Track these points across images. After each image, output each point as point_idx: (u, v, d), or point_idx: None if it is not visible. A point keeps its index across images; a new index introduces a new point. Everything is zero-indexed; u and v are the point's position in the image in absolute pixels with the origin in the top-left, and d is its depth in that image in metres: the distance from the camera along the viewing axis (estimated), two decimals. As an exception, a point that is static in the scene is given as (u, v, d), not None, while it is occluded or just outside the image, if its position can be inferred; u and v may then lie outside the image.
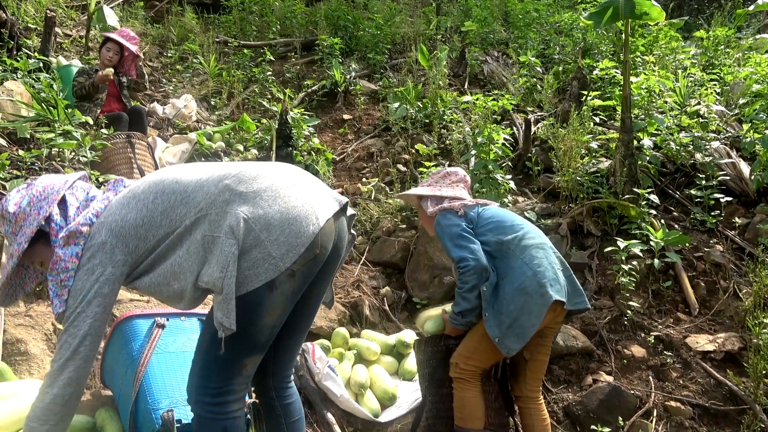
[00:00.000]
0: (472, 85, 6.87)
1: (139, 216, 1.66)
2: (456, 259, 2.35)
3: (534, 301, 2.28)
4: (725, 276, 3.76)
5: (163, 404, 2.09)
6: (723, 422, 3.01)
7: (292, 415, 1.97)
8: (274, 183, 1.67)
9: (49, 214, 1.66)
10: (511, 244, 2.41)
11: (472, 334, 2.44)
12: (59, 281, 1.62)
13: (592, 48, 6.86)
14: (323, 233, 1.66)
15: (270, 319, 1.65)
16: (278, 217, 1.60)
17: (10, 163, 3.41)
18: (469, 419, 2.37)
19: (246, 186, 1.64)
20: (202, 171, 1.74)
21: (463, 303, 2.34)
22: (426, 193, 2.67)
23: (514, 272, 2.34)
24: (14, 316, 2.68)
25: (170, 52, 7.14)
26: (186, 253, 1.64)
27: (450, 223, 2.48)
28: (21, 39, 5.14)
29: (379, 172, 5.24)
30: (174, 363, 2.29)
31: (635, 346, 3.40)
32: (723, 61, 6.40)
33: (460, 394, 2.40)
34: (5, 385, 2.18)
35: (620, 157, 4.25)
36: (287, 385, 1.98)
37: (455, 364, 2.42)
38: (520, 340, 2.27)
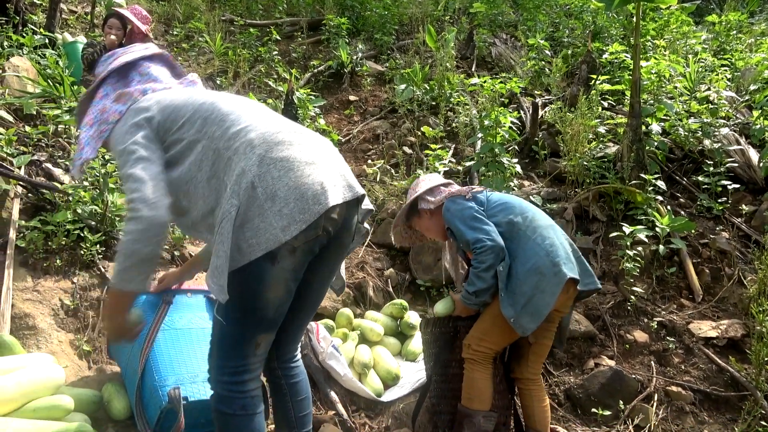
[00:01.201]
0: (480, 67, 6.81)
1: (186, 105, 1.78)
2: (472, 241, 2.34)
3: (548, 280, 2.28)
4: (730, 263, 3.75)
5: (170, 381, 2.11)
6: (724, 408, 3.03)
7: (299, 394, 2.00)
8: (293, 155, 1.66)
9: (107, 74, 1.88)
10: (522, 225, 2.41)
11: (485, 316, 2.44)
12: (98, 132, 1.79)
13: (602, 31, 6.78)
14: (328, 216, 1.66)
15: (274, 294, 1.67)
16: (285, 190, 1.60)
17: (17, 139, 3.42)
18: (476, 400, 2.38)
19: (266, 150, 1.64)
20: (248, 111, 1.78)
21: (479, 282, 2.33)
22: (416, 194, 2.64)
23: (526, 252, 2.34)
24: (22, 291, 2.70)
25: (176, 31, 7.09)
26: (198, 170, 1.70)
27: (461, 206, 2.47)
28: (26, 14, 5.12)
29: (384, 154, 5.22)
30: (180, 340, 2.31)
31: (638, 331, 3.41)
32: (735, 46, 6.32)
33: (470, 375, 2.41)
34: (13, 359, 2.21)
35: (628, 143, 4.22)
36: (293, 365, 2.01)
37: (468, 345, 2.43)
38: (535, 320, 2.27)
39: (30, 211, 3.08)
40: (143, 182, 1.63)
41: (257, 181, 1.59)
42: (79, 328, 2.72)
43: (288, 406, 1.96)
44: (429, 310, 2.84)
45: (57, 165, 3.49)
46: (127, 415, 2.29)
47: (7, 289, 2.61)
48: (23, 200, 3.10)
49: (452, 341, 2.56)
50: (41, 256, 2.88)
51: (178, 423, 1.96)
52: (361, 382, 2.94)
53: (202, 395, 2.11)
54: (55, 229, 2.93)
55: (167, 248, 3.31)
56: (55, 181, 3.32)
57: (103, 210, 3.11)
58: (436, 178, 2.72)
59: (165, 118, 1.76)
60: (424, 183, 2.68)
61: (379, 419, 2.86)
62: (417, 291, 3.87)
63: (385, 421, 2.83)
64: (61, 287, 2.81)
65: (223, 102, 1.78)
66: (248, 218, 1.59)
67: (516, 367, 2.55)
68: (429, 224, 2.68)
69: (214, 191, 1.67)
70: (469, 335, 2.45)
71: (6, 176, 3.03)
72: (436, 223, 2.64)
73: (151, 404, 2.12)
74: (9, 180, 3.04)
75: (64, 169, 3.47)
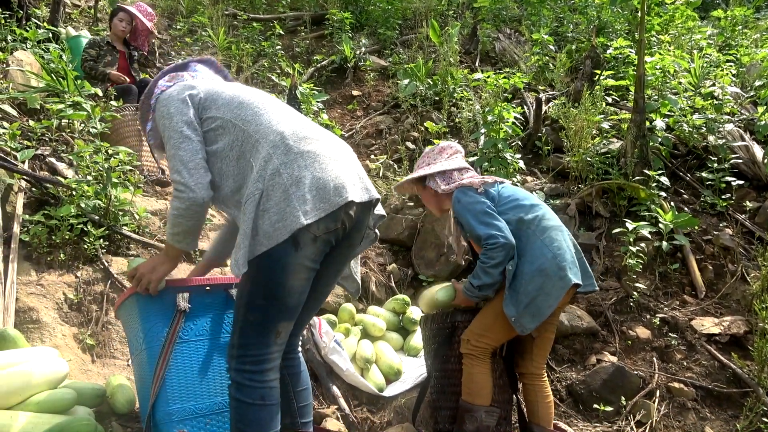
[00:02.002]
0: (484, 62, 6.78)
1: (228, 90, 1.92)
2: (484, 237, 2.32)
3: (553, 283, 2.29)
4: (733, 260, 3.74)
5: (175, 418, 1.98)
6: (725, 404, 3.03)
7: (300, 385, 2.05)
8: (318, 149, 1.76)
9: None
10: (531, 224, 2.39)
11: (487, 312, 2.45)
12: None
13: (607, 26, 6.74)
14: (346, 211, 1.72)
15: (296, 281, 1.72)
16: (309, 178, 1.69)
17: (21, 134, 3.43)
18: (477, 395, 2.39)
19: (294, 141, 1.75)
20: (279, 108, 1.92)
21: (485, 277, 2.33)
22: (428, 171, 2.59)
23: (533, 252, 2.34)
24: (26, 285, 2.71)
25: (179, 25, 7.09)
26: (230, 149, 1.82)
27: (472, 200, 2.44)
28: (30, 8, 5.12)
29: (387, 149, 5.21)
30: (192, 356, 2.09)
31: (640, 328, 3.41)
32: (740, 41, 6.28)
33: (469, 370, 2.42)
34: (17, 353, 2.22)
35: (632, 138, 4.20)
36: (293, 356, 2.04)
37: (467, 340, 2.43)
38: (535, 320, 2.29)
39: (34, 206, 3.09)
40: (185, 164, 1.78)
41: (283, 168, 1.69)
42: (83, 322, 2.73)
43: (290, 396, 1.99)
44: (423, 292, 2.81)
45: (60, 159, 3.49)
46: (131, 408, 2.30)
47: (11, 283, 2.62)
48: (27, 194, 3.11)
49: (450, 337, 2.57)
50: (45, 251, 2.89)
51: None
52: (363, 377, 2.95)
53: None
54: (58, 224, 2.94)
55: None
56: (58, 175, 3.33)
57: (107, 205, 3.12)
58: (452, 162, 2.63)
59: (207, 96, 1.90)
60: (439, 164, 2.61)
61: (381, 414, 2.87)
62: (419, 286, 3.88)
63: (386, 416, 2.84)
64: (64, 281, 2.82)
65: (260, 96, 1.94)
66: (274, 202, 1.66)
67: (520, 362, 2.56)
68: (431, 200, 2.67)
69: (242, 171, 1.79)
70: (468, 330, 2.46)
71: (10, 170, 3.04)
72: (438, 201, 2.64)
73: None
74: (13, 174, 3.05)
75: (67, 164, 3.48)
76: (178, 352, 2.05)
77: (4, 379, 2.01)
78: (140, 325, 2.07)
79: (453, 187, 2.53)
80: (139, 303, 2.06)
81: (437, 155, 2.66)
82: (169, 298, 2.06)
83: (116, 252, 3.12)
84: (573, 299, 2.54)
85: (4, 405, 2.00)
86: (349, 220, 1.76)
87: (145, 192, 3.82)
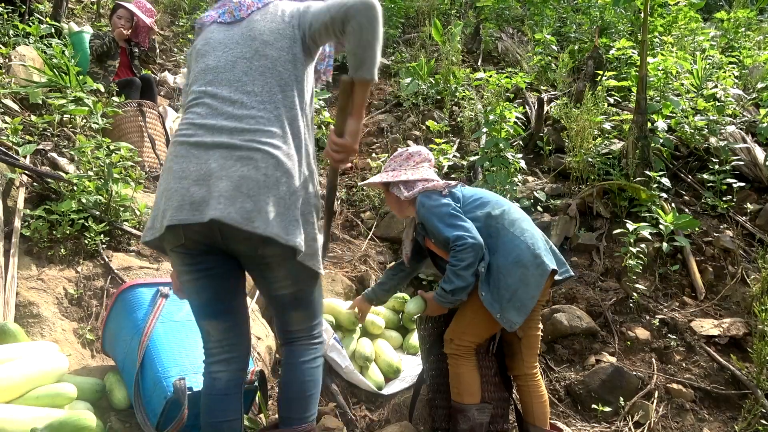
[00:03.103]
0: (486, 62, 6.78)
1: None
2: (452, 239, 2.29)
3: (531, 272, 2.29)
4: (734, 261, 3.74)
5: (173, 372, 2.12)
6: (724, 406, 3.03)
7: (283, 392, 1.94)
8: (170, 166, 1.75)
9: None
10: (500, 218, 2.38)
11: (464, 310, 2.44)
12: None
13: (610, 27, 6.73)
14: (186, 231, 1.70)
15: (185, 285, 1.84)
16: (156, 198, 1.79)
17: (23, 128, 3.43)
18: (466, 394, 2.39)
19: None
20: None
21: (457, 281, 2.28)
22: (391, 179, 2.55)
23: (506, 246, 2.33)
24: (27, 280, 2.72)
25: (182, 21, 7.08)
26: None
27: (437, 203, 2.40)
28: (33, 4, 5.12)
29: (389, 147, 5.21)
30: (179, 332, 2.31)
31: (639, 329, 3.41)
32: (743, 43, 6.28)
33: (455, 370, 2.42)
34: (17, 347, 2.22)
35: (633, 139, 4.20)
36: (286, 361, 1.96)
37: (450, 340, 2.43)
38: (521, 313, 2.27)
39: (35, 200, 3.10)
40: None
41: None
42: (83, 317, 2.74)
43: (280, 385, 1.95)
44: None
45: (62, 154, 3.50)
46: (129, 404, 2.31)
47: (11, 278, 2.63)
48: (28, 189, 3.11)
49: (441, 336, 2.57)
50: (46, 245, 2.89)
51: (182, 413, 1.97)
52: (362, 375, 2.95)
53: None
54: (59, 219, 2.94)
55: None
56: (60, 170, 3.33)
57: (108, 200, 3.13)
58: (417, 171, 2.58)
59: None
60: (403, 173, 2.56)
61: (379, 412, 2.87)
62: (419, 285, 3.88)
63: (385, 414, 2.84)
64: (65, 276, 2.82)
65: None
66: None
67: (512, 365, 2.55)
68: (394, 205, 2.63)
69: None
70: (449, 330, 2.45)
71: (11, 165, 3.04)
72: (400, 206, 2.60)
73: (154, 395, 2.12)
74: (14, 169, 3.06)
75: (68, 159, 3.49)
76: (162, 330, 2.27)
77: (4, 373, 2.01)
78: (128, 319, 2.32)
79: (415, 193, 2.49)
80: (125, 302, 2.36)
81: (404, 161, 2.61)
82: (153, 290, 2.39)
83: (117, 247, 3.12)
84: (553, 289, 2.53)
85: (3, 399, 2.00)
86: (199, 236, 1.70)
87: (146, 188, 3.82)
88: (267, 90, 1.71)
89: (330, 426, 2.59)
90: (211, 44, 1.81)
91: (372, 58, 1.65)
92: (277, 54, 1.75)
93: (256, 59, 1.74)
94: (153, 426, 2.05)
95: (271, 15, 1.81)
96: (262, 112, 1.69)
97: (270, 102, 1.71)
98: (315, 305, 1.94)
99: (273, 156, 1.66)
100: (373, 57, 1.66)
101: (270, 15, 1.81)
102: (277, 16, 1.81)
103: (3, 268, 2.64)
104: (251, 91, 1.71)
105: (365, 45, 1.63)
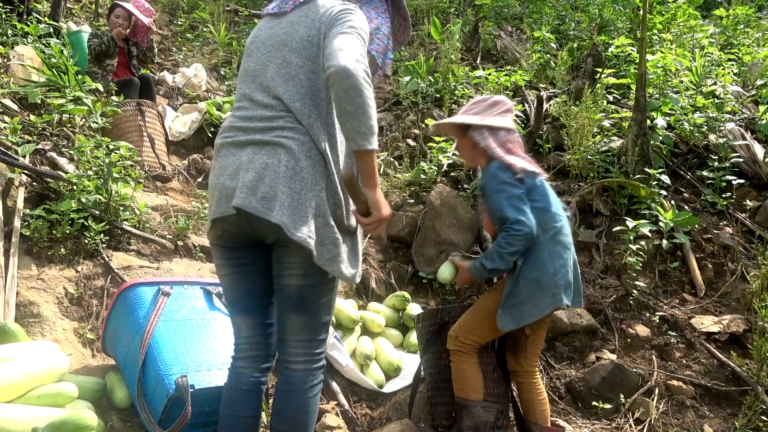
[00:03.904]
0: (485, 60, 6.77)
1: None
2: (511, 220, 2.22)
3: (544, 297, 2.28)
4: (733, 258, 3.74)
5: (175, 370, 2.13)
6: (724, 403, 3.03)
7: (274, 405, 1.88)
8: (216, 164, 1.86)
9: None
10: (547, 232, 2.33)
11: (478, 310, 2.44)
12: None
13: (609, 24, 6.74)
14: (222, 223, 1.80)
15: (222, 279, 1.92)
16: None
17: (22, 128, 3.43)
18: (470, 389, 2.39)
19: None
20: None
21: (499, 262, 2.25)
22: (478, 122, 2.41)
23: (536, 261, 2.30)
24: (27, 279, 2.72)
25: (180, 21, 7.08)
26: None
27: (510, 181, 2.30)
28: (31, 3, 5.11)
29: (388, 146, 5.21)
30: (181, 330, 2.32)
31: (639, 326, 3.41)
32: (742, 40, 6.28)
33: (458, 366, 2.42)
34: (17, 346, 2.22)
35: (633, 137, 4.20)
36: (282, 369, 1.89)
37: (455, 336, 2.43)
38: (513, 323, 2.29)
39: (34, 200, 3.10)
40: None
41: None
42: (83, 317, 2.74)
43: (272, 410, 1.87)
44: (439, 267, 2.66)
45: (61, 154, 3.49)
46: (130, 403, 2.31)
47: (11, 277, 2.63)
48: (28, 189, 3.11)
49: (439, 333, 2.58)
50: (45, 245, 2.89)
51: (185, 411, 1.98)
52: (362, 373, 2.96)
53: (207, 383, 2.13)
54: (59, 218, 2.94)
55: (170, 237, 3.32)
56: (59, 170, 3.33)
57: (107, 199, 3.12)
58: (503, 120, 2.44)
59: None
60: (490, 118, 2.42)
61: (380, 410, 2.87)
62: (419, 283, 3.88)
63: (386, 412, 2.84)
64: (65, 276, 2.82)
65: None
66: None
67: (513, 360, 2.54)
68: (468, 151, 2.51)
69: None
70: (456, 327, 2.45)
71: (11, 165, 3.04)
72: (474, 153, 2.47)
73: (156, 394, 2.13)
74: (13, 169, 3.05)
75: (68, 158, 3.48)
76: (164, 329, 2.28)
77: (5, 373, 2.01)
78: (130, 318, 2.33)
79: (497, 153, 2.36)
80: (125, 301, 2.37)
81: (489, 107, 2.46)
82: (154, 293, 2.39)
83: (117, 247, 3.12)
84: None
85: (4, 398, 2.00)
86: (235, 228, 1.79)
87: (146, 187, 3.82)
88: (288, 97, 1.76)
89: (331, 424, 2.59)
90: (256, 44, 1.89)
91: (355, 128, 1.59)
92: (301, 62, 1.77)
93: (284, 66, 1.78)
94: (157, 424, 2.05)
95: (307, 18, 1.81)
96: (288, 117, 1.76)
97: (292, 108, 1.76)
98: (318, 314, 1.84)
99: (293, 152, 1.71)
100: (356, 127, 1.59)
101: (306, 18, 1.82)
102: (311, 20, 1.80)
103: (3, 267, 2.64)
104: (279, 96, 1.77)
105: (345, 115, 1.60)
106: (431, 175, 4.42)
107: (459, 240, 3.96)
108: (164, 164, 4.20)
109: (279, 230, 1.68)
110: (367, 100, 1.59)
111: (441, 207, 4.08)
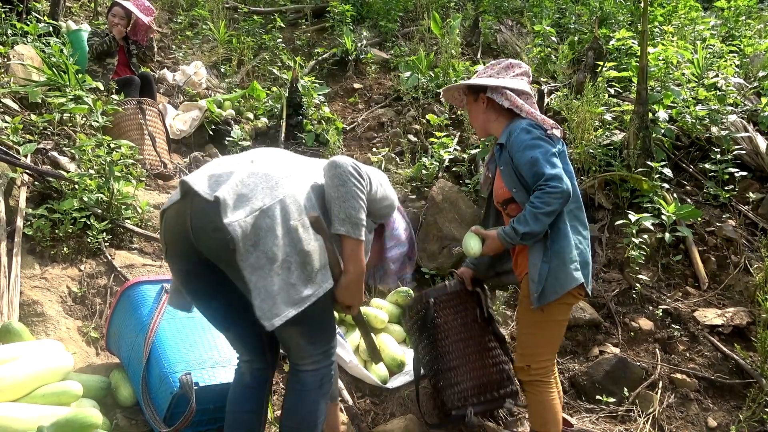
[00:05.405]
0: (485, 54, 6.75)
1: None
2: (548, 176, 2.03)
3: (565, 270, 2.11)
4: (736, 251, 3.73)
5: (179, 368, 2.13)
6: (728, 395, 3.03)
7: (285, 404, 1.90)
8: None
9: None
10: (569, 204, 2.15)
11: (526, 329, 2.25)
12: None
13: (609, 17, 6.71)
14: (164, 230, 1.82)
15: (198, 309, 1.95)
16: None
17: (23, 128, 3.43)
18: (552, 424, 2.21)
19: None
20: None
21: (534, 224, 2.03)
22: (493, 83, 2.26)
23: (558, 233, 2.13)
24: (30, 279, 2.72)
25: (179, 18, 7.07)
26: None
27: (544, 139, 2.14)
28: (30, 2, 5.11)
29: (389, 142, 5.20)
30: (184, 328, 2.32)
31: (643, 319, 3.41)
32: (743, 32, 6.25)
33: (537, 398, 2.21)
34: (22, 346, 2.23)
35: (634, 130, 4.19)
36: (291, 377, 1.89)
37: (526, 367, 2.21)
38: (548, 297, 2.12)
39: (37, 199, 3.10)
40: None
41: None
42: (87, 315, 2.74)
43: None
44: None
45: (63, 153, 3.50)
46: (135, 401, 2.31)
47: (15, 277, 2.63)
48: (30, 188, 3.11)
49: (425, 316, 2.59)
50: (48, 244, 2.89)
51: (190, 408, 1.98)
52: (366, 369, 2.96)
53: (211, 381, 2.13)
54: (61, 217, 2.94)
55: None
56: (61, 169, 3.33)
57: (109, 198, 3.12)
58: (519, 82, 2.31)
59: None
60: (505, 80, 2.28)
61: (384, 406, 2.87)
62: (422, 279, 3.88)
63: (390, 408, 2.84)
64: (68, 274, 2.83)
65: None
66: None
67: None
68: (479, 116, 2.36)
69: None
70: (520, 357, 2.26)
71: (12, 164, 3.04)
72: (487, 119, 2.35)
73: (160, 391, 2.13)
74: (15, 168, 3.06)
75: (69, 158, 3.48)
76: (167, 327, 2.29)
77: (10, 372, 2.02)
78: (133, 316, 2.33)
79: (525, 106, 2.23)
80: (129, 299, 2.38)
81: (504, 69, 2.33)
82: (158, 291, 2.40)
83: (119, 245, 3.13)
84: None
85: (10, 397, 2.01)
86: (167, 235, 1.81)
87: (148, 186, 3.82)
88: None
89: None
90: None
91: (339, 212, 1.71)
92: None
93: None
94: (162, 421, 2.06)
95: None
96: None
97: None
98: (316, 322, 1.81)
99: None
100: (339, 212, 1.71)
101: None
102: None
103: (6, 267, 2.64)
104: None
105: (330, 200, 1.74)
106: (432, 170, 4.42)
107: (461, 235, 3.95)
108: (165, 162, 4.20)
109: (223, 243, 1.59)
110: (351, 190, 1.69)
111: (443, 202, 4.07)
